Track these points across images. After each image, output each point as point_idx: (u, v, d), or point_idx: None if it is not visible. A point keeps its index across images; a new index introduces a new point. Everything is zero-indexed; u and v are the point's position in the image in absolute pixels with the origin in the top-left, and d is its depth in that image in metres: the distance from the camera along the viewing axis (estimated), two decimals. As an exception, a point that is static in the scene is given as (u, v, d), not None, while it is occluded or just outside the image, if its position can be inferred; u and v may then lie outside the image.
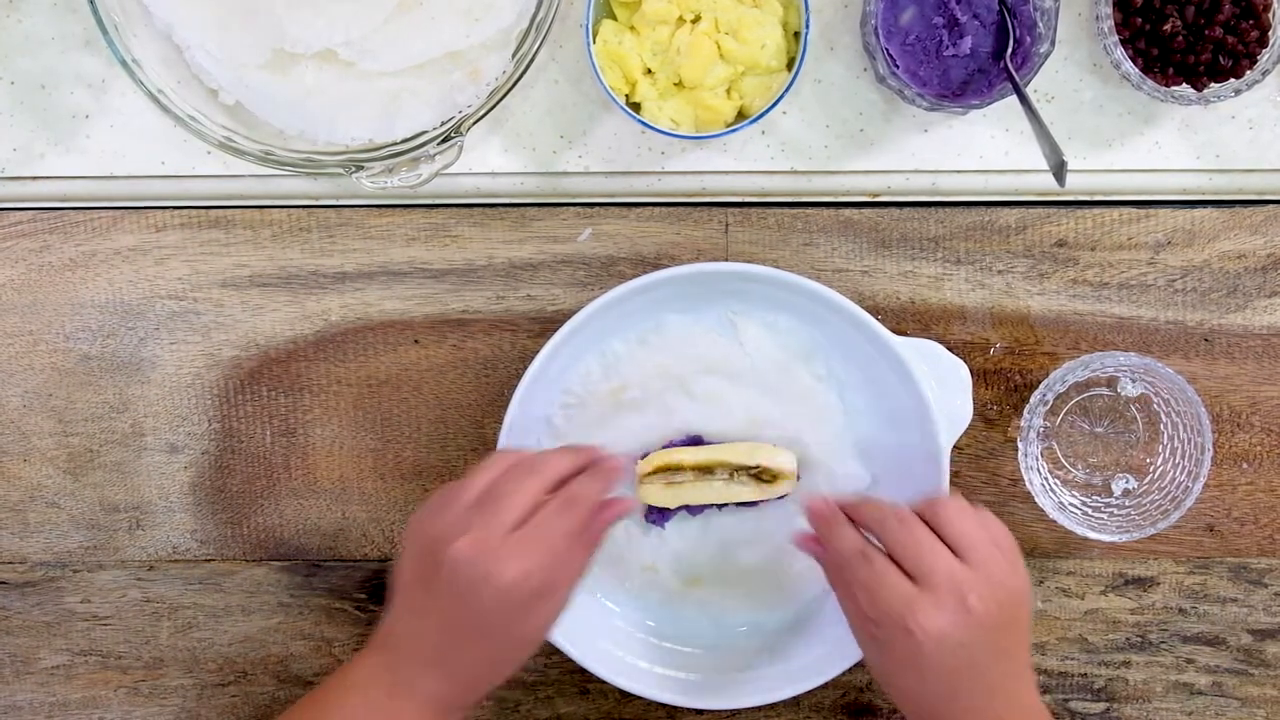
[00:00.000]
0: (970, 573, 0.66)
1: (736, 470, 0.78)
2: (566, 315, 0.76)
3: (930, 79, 0.76)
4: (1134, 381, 0.83)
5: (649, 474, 0.78)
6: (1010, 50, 0.75)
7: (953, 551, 0.66)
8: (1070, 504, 0.83)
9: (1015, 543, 0.69)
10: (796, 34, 0.77)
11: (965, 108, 0.76)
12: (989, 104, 0.76)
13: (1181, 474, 0.81)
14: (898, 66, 0.76)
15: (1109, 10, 0.77)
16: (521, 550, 0.66)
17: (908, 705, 0.69)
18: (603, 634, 0.80)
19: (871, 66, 0.79)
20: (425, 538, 0.68)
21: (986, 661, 0.66)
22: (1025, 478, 0.81)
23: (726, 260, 0.83)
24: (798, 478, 0.79)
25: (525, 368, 0.76)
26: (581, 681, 0.85)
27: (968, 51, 0.76)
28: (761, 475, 0.78)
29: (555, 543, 0.66)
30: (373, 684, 0.68)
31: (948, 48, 0.76)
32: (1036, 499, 0.81)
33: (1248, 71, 0.77)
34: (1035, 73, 0.75)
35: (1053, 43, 0.74)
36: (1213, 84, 0.78)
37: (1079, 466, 0.84)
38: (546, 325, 0.81)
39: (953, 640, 0.65)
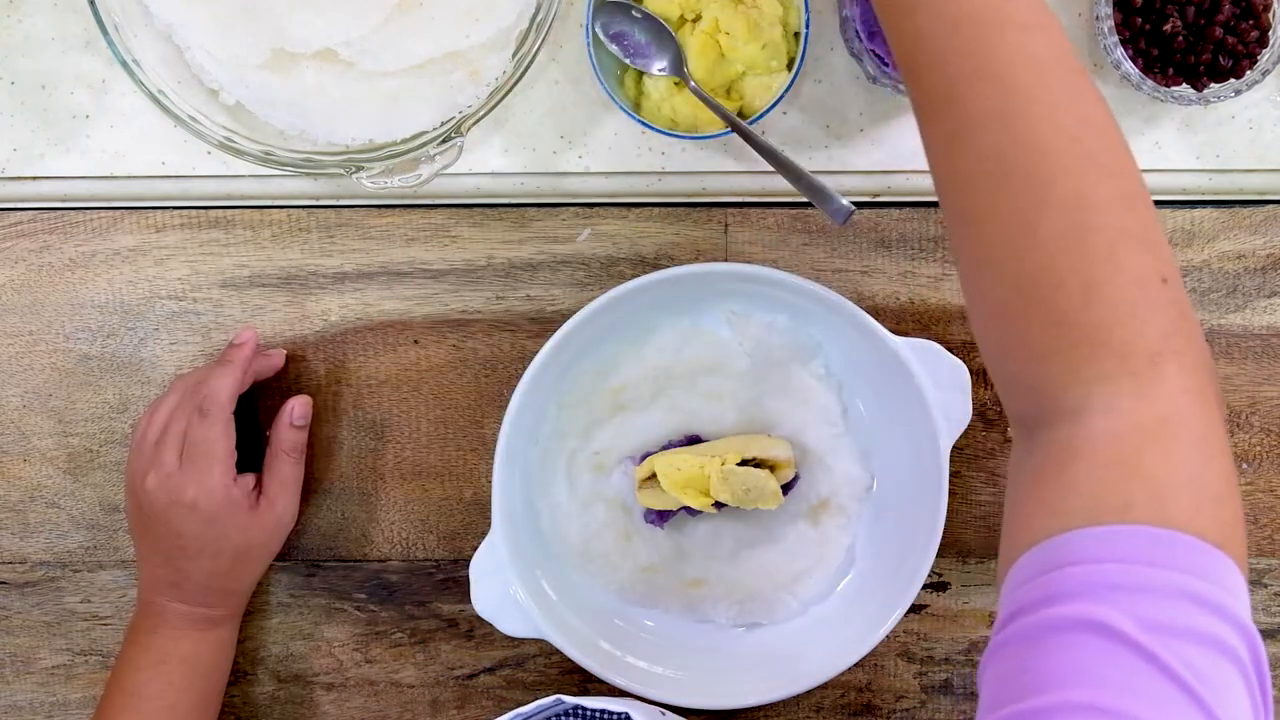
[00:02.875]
0: None
1: (735, 469, 0.78)
2: (566, 315, 0.76)
3: None
4: (1134, 381, 0.83)
5: (647, 478, 0.78)
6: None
7: None
8: (1070, 504, 0.83)
9: None
10: (796, 34, 0.77)
11: None
12: None
13: (1181, 474, 0.81)
14: (886, 64, 0.75)
15: (1109, 10, 0.77)
16: (189, 470, 0.76)
17: None
18: (603, 634, 0.80)
19: (861, 69, 0.79)
20: (128, 483, 0.79)
21: None
22: (1025, 478, 0.81)
23: (726, 260, 0.83)
24: (796, 475, 0.79)
25: (525, 368, 0.76)
26: (581, 681, 0.85)
27: None
28: (759, 468, 0.78)
29: (210, 452, 0.76)
30: (141, 631, 0.79)
31: (931, 36, 0.75)
32: (1036, 499, 0.81)
33: (1248, 71, 0.77)
34: None
35: None
36: (1213, 84, 0.78)
37: (1079, 466, 0.84)
38: (546, 325, 0.82)
39: None
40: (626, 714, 0.71)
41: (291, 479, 0.80)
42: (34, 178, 0.82)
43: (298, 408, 0.80)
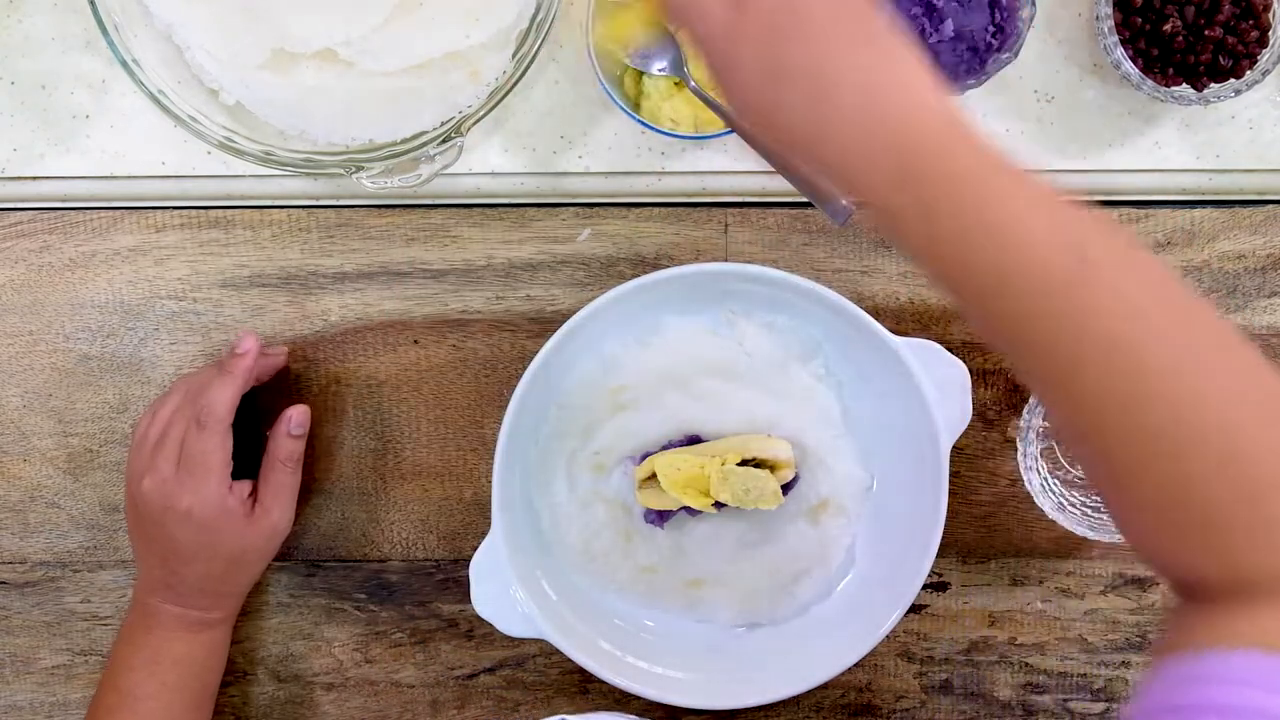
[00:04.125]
0: None
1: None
2: (566, 315, 0.76)
3: None
4: (1134, 382, 0.83)
5: (647, 478, 0.78)
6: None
7: None
8: (1070, 504, 0.83)
9: None
10: (796, 34, 0.77)
11: (962, 89, 0.75)
12: (985, 80, 0.75)
13: (1181, 474, 0.81)
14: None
15: (1109, 10, 0.77)
16: (185, 478, 0.76)
17: (754, 112, 0.56)
18: (603, 634, 0.80)
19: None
20: (127, 482, 0.79)
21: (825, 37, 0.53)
22: (1024, 478, 0.81)
23: (726, 260, 0.83)
24: (796, 475, 0.79)
25: (525, 368, 0.76)
26: (581, 681, 0.85)
27: (952, 34, 0.75)
28: (759, 468, 0.78)
29: (208, 462, 0.76)
30: (135, 630, 0.79)
31: (931, 35, 0.75)
32: (1036, 499, 0.81)
33: (1248, 71, 0.77)
34: (1021, 41, 0.74)
35: (1034, 4, 0.74)
36: (1213, 84, 0.78)
37: (1078, 467, 0.84)
38: (546, 325, 0.82)
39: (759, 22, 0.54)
40: None
41: (287, 487, 0.80)
42: (34, 178, 0.82)
43: (295, 416, 0.80)
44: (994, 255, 0.51)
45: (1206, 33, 0.76)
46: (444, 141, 0.76)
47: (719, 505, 0.78)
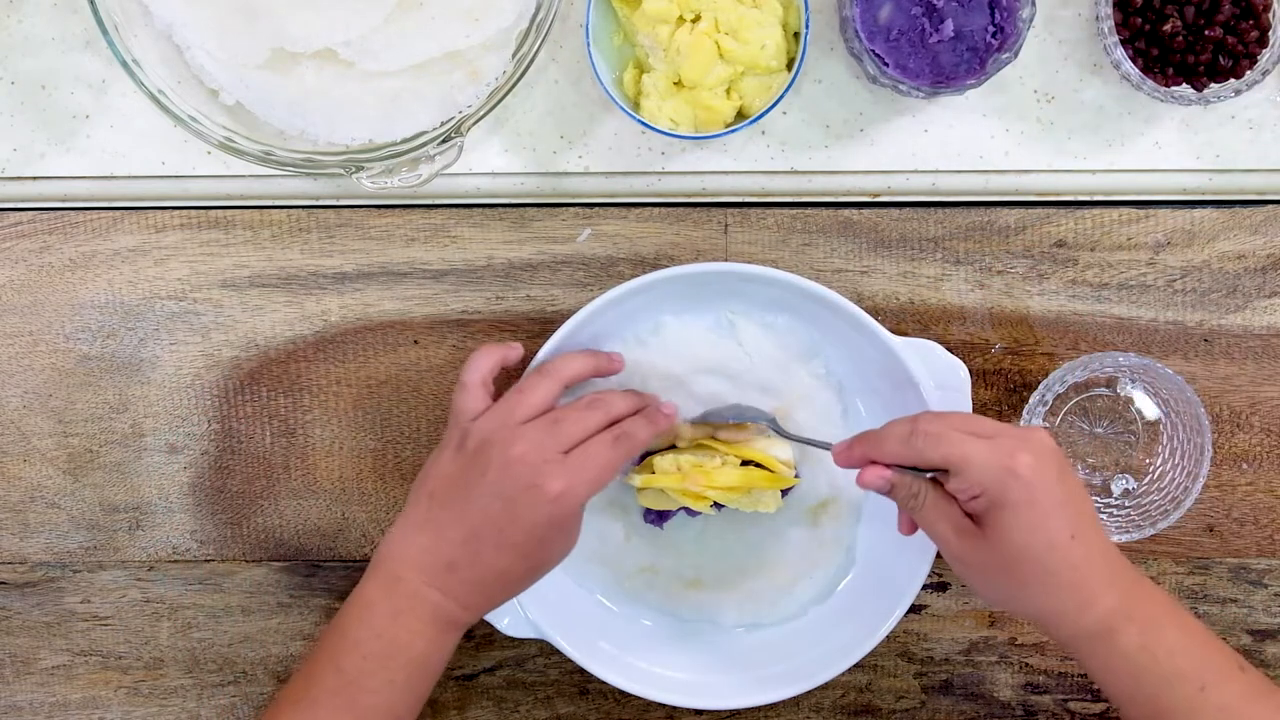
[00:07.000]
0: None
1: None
2: (566, 315, 0.76)
3: (921, 70, 0.76)
4: (1133, 382, 0.83)
5: (647, 479, 0.78)
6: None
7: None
8: (1070, 504, 0.83)
9: None
10: (796, 34, 0.77)
11: (962, 89, 0.75)
12: (985, 80, 0.75)
13: (1181, 474, 0.81)
14: (887, 65, 0.75)
15: (1109, 10, 0.77)
16: (572, 469, 0.69)
17: (1038, 559, 0.66)
18: (603, 634, 0.80)
19: (861, 69, 0.79)
20: (479, 439, 0.70)
21: (1079, 495, 0.67)
22: (1025, 478, 0.81)
23: (726, 260, 0.83)
24: (796, 475, 0.79)
25: (525, 368, 0.76)
26: (581, 681, 0.85)
27: (952, 34, 0.75)
28: (759, 469, 0.78)
29: (600, 472, 0.70)
30: (377, 608, 0.70)
31: (931, 35, 0.75)
32: (1036, 499, 0.81)
33: (1248, 71, 0.77)
34: (1021, 41, 0.74)
35: (1034, 4, 0.74)
36: (1213, 84, 0.78)
37: (1079, 467, 0.84)
38: (546, 325, 0.82)
39: (1051, 469, 0.65)
40: None
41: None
42: (34, 178, 0.82)
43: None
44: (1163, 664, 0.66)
45: (1207, 33, 0.76)
46: (444, 141, 0.76)
47: (718, 506, 0.78)
